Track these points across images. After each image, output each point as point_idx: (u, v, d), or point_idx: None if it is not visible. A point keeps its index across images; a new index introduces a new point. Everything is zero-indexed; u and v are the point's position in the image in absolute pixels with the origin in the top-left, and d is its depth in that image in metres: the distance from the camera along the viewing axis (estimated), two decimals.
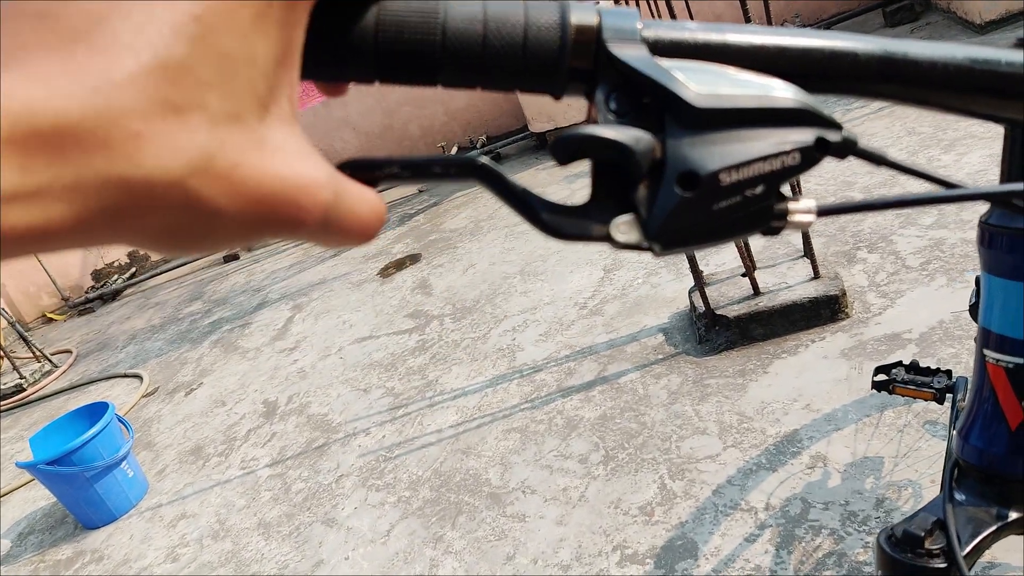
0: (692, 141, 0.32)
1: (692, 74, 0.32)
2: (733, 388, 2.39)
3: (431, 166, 0.33)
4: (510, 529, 2.18)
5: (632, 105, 0.33)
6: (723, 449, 2.16)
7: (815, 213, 0.35)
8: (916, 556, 0.50)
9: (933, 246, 2.69)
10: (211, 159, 0.23)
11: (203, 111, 0.23)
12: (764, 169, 0.33)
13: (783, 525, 1.85)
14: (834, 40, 0.36)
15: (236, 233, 0.25)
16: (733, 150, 0.32)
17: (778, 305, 2.53)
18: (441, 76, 0.32)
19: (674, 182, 0.32)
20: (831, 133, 0.34)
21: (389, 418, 2.96)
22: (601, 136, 0.31)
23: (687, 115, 0.32)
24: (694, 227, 0.33)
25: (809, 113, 0.33)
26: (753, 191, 0.33)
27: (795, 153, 0.33)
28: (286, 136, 0.26)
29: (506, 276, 3.79)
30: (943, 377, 1.54)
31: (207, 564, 2.54)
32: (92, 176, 0.21)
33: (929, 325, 2.32)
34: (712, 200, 0.32)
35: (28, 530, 3.18)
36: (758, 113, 0.33)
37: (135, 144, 0.22)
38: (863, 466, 1.93)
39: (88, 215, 0.22)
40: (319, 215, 0.26)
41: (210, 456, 3.22)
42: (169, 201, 0.23)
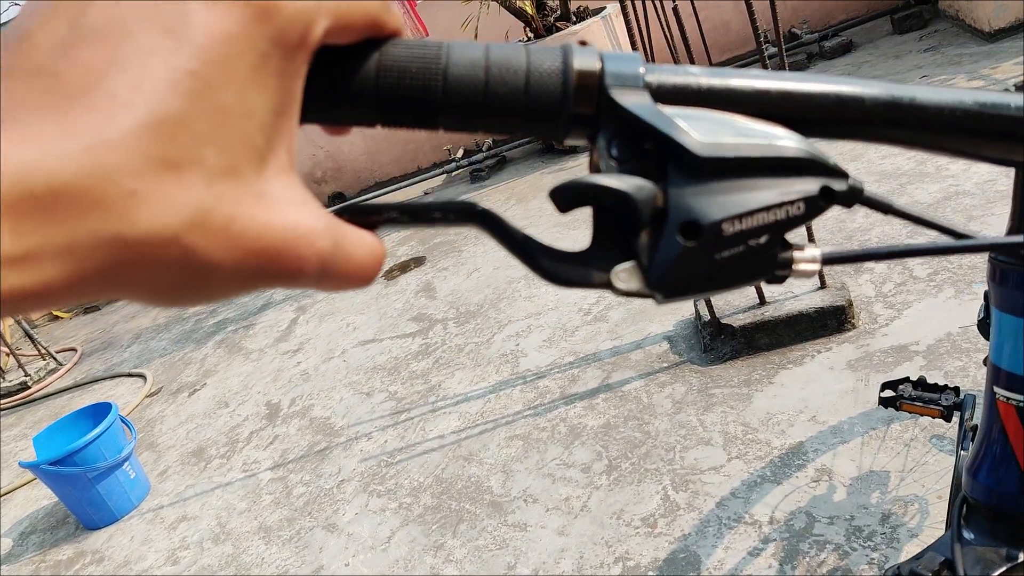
0: (695, 190, 0.31)
1: (695, 122, 0.32)
2: (738, 398, 2.37)
3: (430, 212, 0.32)
4: (511, 538, 2.17)
5: (634, 152, 0.32)
6: (727, 460, 2.15)
7: (820, 262, 0.34)
8: None
9: (941, 257, 2.66)
10: (208, 214, 0.23)
11: (199, 166, 0.23)
12: (768, 219, 0.32)
13: (787, 539, 1.83)
14: (839, 85, 0.35)
15: (235, 285, 0.25)
16: (736, 200, 0.32)
17: (784, 315, 2.52)
18: (442, 121, 0.32)
19: (676, 231, 0.31)
20: (837, 182, 0.33)
21: (391, 423, 2.95)
22: (602, 185, 0.31)
23: (690, 164, 0.31)
24: (696, 276, 0.32)
25: (814, 162, 0.33)
26: (757, 241, 0.32)
27: (800, 203, 0.32)
28: (283, 186, 0.25)
29: (510, 281, 3.78)
30: (951, 394, 1.52)
31: (207, 567, 2.54)
32: (87, 236, 0.21)
33: (936, 337, 2.30)
34: (715, 250, 0.32)
35: (30, 529, 3.18)
36: (762, 162, 0.32)
37: (130, 203, 0.21)
38: (869, 480, 1.91)
39: (83, 275, 0.22)
40: (317, 264, 0.26)
41: (212, 458, 3.21)
42: (166, 258, 0.23)
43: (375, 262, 0.29)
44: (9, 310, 0.22)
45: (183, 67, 0.22)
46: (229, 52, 0.23)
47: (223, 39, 0.23)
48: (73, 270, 0.21)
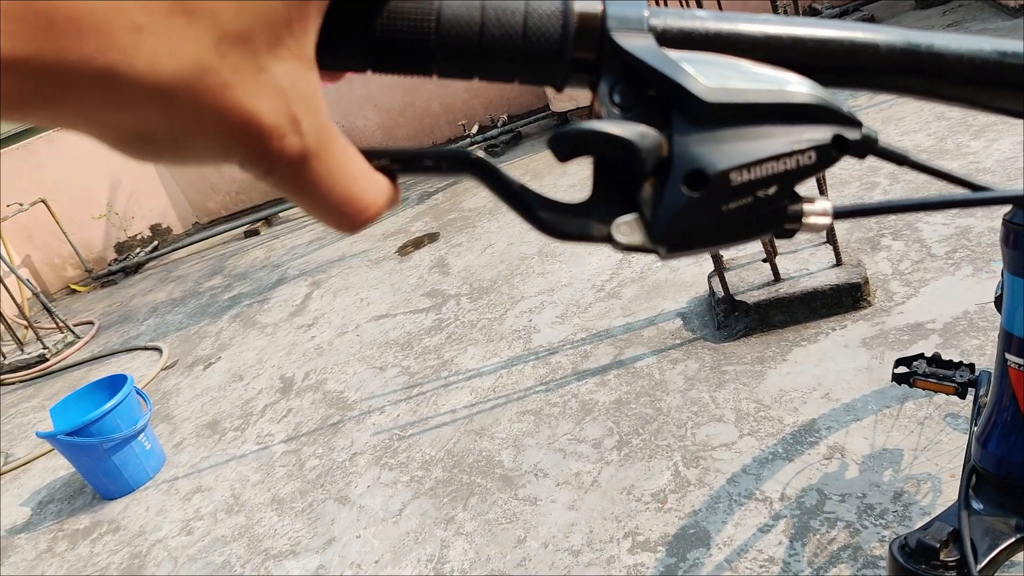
0: (701, 138, 0.30)
1: (702, 66, 0.30)
2: (751, 375, 2.36)
3: (422, 159, 0.31)
4: (521, 512, 2.17)
5: (637, 98, 0.30)
6: (739, 437, 2.14)
7: (831, 216, 0.33)
8: (930, 568, 0.48)
9: (959, 235, 2.63)
10: (204, 73, 0.22)
11: (212, 20, 0.22)
12: (777, 169, 0.30)
13: (798, 516, 1.83)
14: (854, 31, 0.33)
15: (211, 153, 0.24)
16: (744, 148, 0.30)
17: (799, 292, 2.49)
18: (436, 66, 0.30)
19: (681, 181, 0.30)
20: (850, 131, 0.32)
21: (404, 397, 2.96)
22: (604, 132, 0.29)
23: (696, 110, 0.30)
24: (702, 229, 0.31)
25: (826, 109, 0.31)
26: (765, 192, 0.31)
27: (811, 152, 0.31)
28: (288, 72, 0.24)
29: (524, 257, 3.77)
30: (966, 371, 1.50)
31: (221, 538, 2.56)
32: (79, 60, 0.20)
33: (953, 315, 2.27)
34: (721, 201, 0.30)
35: (48, 499, 3.23)
36: (772, 109, 0.31)
37: (133, 37, 0.21)
38: (881, 458, 1.90)
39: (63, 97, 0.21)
40: (287, 160, 0.25)
41: (226, 430, 3.24)
42: (150, 104, 0.22)
43: (354, 204, 0.27)
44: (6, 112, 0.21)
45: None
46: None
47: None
48: (55, 89, 0.21)
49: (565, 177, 4.63)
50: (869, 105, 3.81)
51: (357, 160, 0.28)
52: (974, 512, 0.52)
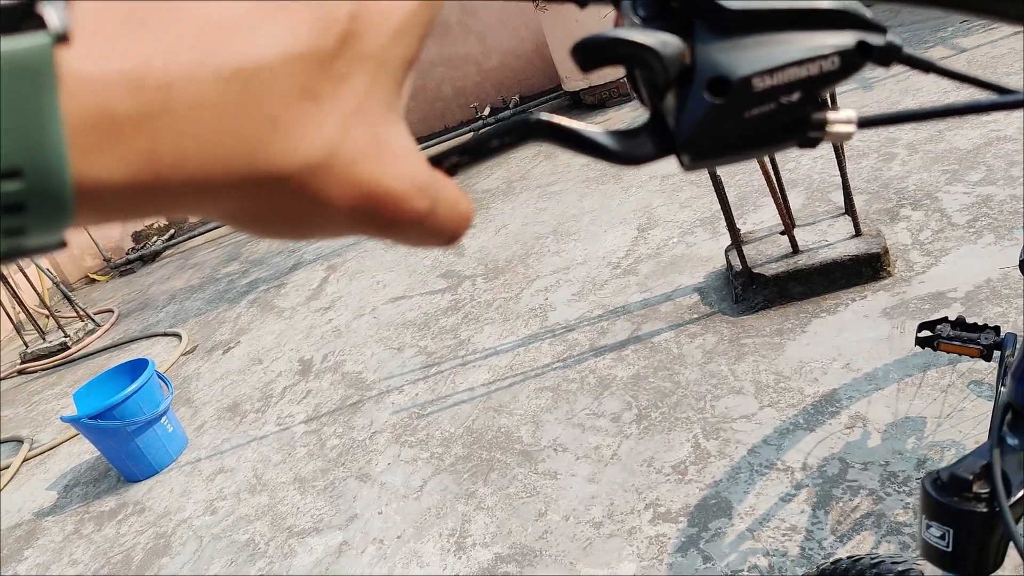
0: (723, 45, 0.30)
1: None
2: (770, 347, 2.34)
3: (488, 141, 0.31)
4: (542, 486, 2.18)
5: (660, 9, 0.31)
6: (759, 409, 2.13)
7: (856, 123, 0.32)
8: (962, 500, 0.47)
9: (981, 203, 2.60)
10: (334, 153, 0.23)
11: (336, 102, 0.23)
12: (800, 74, 0.30)
13: (820, 485, 1.82)
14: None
15: (336, 227, 0.25)
16: (767, 54, 0.30)
17: (818, 263, 2.47)
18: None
19: (704, 88, 0.30)
20: (874, 36, 0.31)
21: (422, 376, 2.96)
22: (626, 39, 0.29)
23: (718, 17, 0.30)
24: (725, 136, 0.30)
25: (850, 15, 0.31)
26: (789, 98, 0.30)
27: (834, 57, 0.30)
28: (398, 135, 0.25)
29: (539, 236, 3.76)
30: (991, 333, 1.48)
31: (244, 517, 2.59)
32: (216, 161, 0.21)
33: (975, 284, 2.25)
34: (744, 107, 0.30)
35: (73, 482, 3.27)
36: (794, 14, 0.30)
37: (268, 129, 0.21)
38: (904, 426, 1.88)
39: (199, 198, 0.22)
40: (416, 219, 0.26)
41: (247, 412, 3.26)
42: (286, 188, 0.23)
43: (464, 222, 0.28)
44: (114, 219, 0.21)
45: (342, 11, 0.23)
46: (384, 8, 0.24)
47: None
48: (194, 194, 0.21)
49: (578, 157, 4.58)
50: (886, 76, 3.77)
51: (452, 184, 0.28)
52: (1008, 447, 0.51)
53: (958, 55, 3.73)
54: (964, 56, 3.69)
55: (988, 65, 3.49)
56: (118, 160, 0.19)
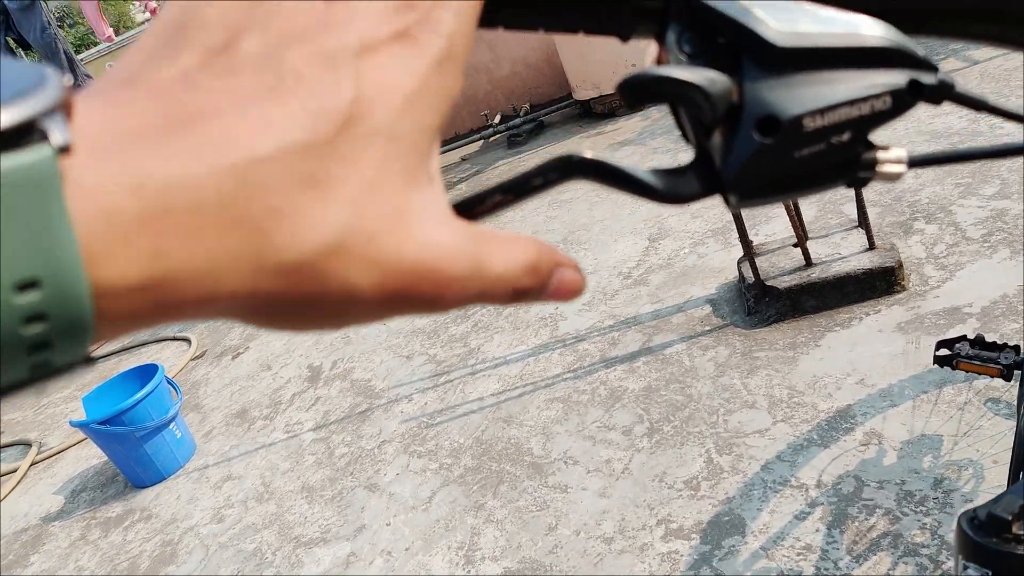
0: (772, 83, 0.29)
1: (772, 11, 0.29)
2: (783, 361, 2.33)
3: (531, 180, 0.30)
4: (552, 500, 2.16)
5: (706, 46, 0.30)
6: (773, 424, 2.11)
7: (906, 163, 0.32)
8: (1002, 541, 0.46)
9: (995, 217, 2.58)
10: (348, 235, 0.22)
11: (343, 184, 0.22)
12: (852, 114, 0.29)
13: (835, 503, 1.80)
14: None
15: (370, 310, 0.24)
16: (817, 93, 0.29)
17: (831, 276, 2.46)
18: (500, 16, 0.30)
19: (752, 127, 0.29)
20: (926, 75, 0.30)
21: (431, 385, 2.95)
22: (673, 77, 0.28)
23: (767, 55, 0.29)
24: (774, 176, 0.30)
25: (901, 53, 0.30)
26: (839, 138, 0.30)
27: (886, 97, 0.30)
28: (424, 202, 0.24)
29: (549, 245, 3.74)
30: (1011, 353, 1.47)
31: (252, 525, 2.58)
32: (224, 255, 0.20)
33: (991, 299, 2.23)
34: (794, 147, 0.29)
35: (81, 487, 3.26)
36: (845, 53, 0.30)
37: (272, 221, 0.21)
38: (920, 444, 1.86)
39: (214, 295, 0.21)
40: (458, 288, 0.24)
41: (256, 419, 3.25)
42: (303, 279, 0.22)
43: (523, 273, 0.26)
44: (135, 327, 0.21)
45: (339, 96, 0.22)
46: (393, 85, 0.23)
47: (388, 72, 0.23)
48: (207, 290, 0.21)
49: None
50: None
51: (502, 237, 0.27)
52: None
53: (971, 67, 3.71)
54: (977, 68, 3.67)
55: (1001, 78, 3.47)
56: (128, 261, 0.19)
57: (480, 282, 0.25)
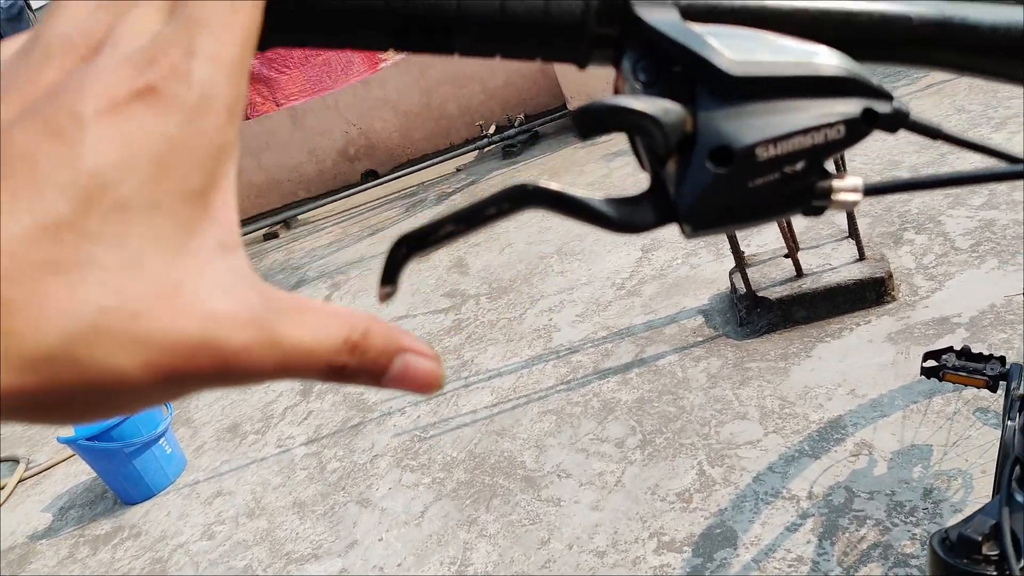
0: (726, 113, 0.29)
1: (727, 40, 0.29)
2: (775, 372, 2.33)
3: (484, 210, 0.30)
4: (545, 513, 2.15)
5: (662, 75, 0.30)
6: (764, 435, 2.11)
7: (861, 192, 0.32)
8: (971, 563, 0.46)
9: (984, 227, 2.59)
10: (104, 317, 0.20)
11: (92, 266, 0.20)
12: (805, 143, 0.29)
13: (826, 515, 1.80)
14: (884, 4, 0.32)
15: (149, 392, 0.21)
16: (771, 122, 0.29)
17: (822, 287, 2.46)
18: (457, 43, 0.30)
19: (706, 157, 0.29)
20: (881, 104, 0.31)
21: (424, 398, 2.95)
22: (625, 107, 0.28)
23: (721, 84, 0.29)
24: (728, 206, 0.30)
25: (856, 82, 0.30)
26: (793, 167, 0.30)
27: (840, 126, 0.30)
28: (203, 273, 0.22)
29: (543, 256, 3.75)
30: (996, 364, 1.47)
31: (242, 542, 2.56)
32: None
33: (979, 309, 2.24)
34: (748, 176, 0.29)
35: (69, 504, 3.24)
36: (799, 82, 0.30)
37: (9, 316, 0.19)
38: (910, 455, 1.86)
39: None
40: (246, 361, 0.22)
41: (247, 434, 3.24)
42: (54, 369, 0.19)
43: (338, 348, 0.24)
44: None
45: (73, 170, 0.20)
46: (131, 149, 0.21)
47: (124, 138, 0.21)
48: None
49: (583, 176, 4.61)
50: None
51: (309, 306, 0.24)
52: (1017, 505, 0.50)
53: (956, 79, 3.73)
54: (964, 81, 3.69)
55: (989, 89, 3.49)
56: None
57: (276, 354, 0.23)
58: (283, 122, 6.33)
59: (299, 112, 6.16)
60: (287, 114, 6.06)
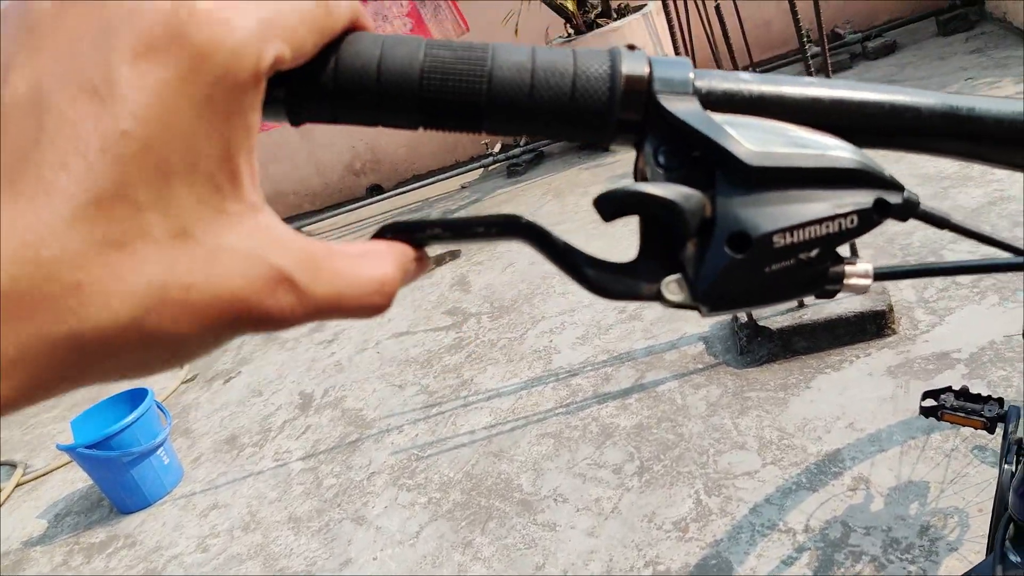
0: (744, 201, 0.30)
1: (745, 130, 0.31)
2: (774, 402, 2.33)
3: (473, 227, 0.31)
4: (540, 538, 2.15)
5: (682, 160, 0.31)
6: (762, 466, 2.11)
7: (872, 277, 0.33)
8: None
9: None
10: (162, 289, 0.21)
11: (146, 239, 0.21)
12: (820, 232, 0.31)
13: (822, 549, 1.80)
14: (895, 94, 0.34)
15: (209, 344, 0.23)
16: (787, 212, 0.31)
17: (823, 319, 2.47)
18: (486, 124, 0.31)
19: (724, 243, 0.30)
20: (891, 195, 0.32)
21: (423, 416, 2.95)
22: (648, 193, 0.30)
23: (740, 173, 0.30)
24: (744, 289, 0.31)
25: (868, 174, 0.32)
26: (808, 254, 0.31)
27: (853, 216, 0.31)
28: (242, 235, 0.23)
29: (545, 276, 3.76)
30: (994, 405, 1.47)
31: (236, 556, 2.56)
32: (36, 342, 0.19)
33: (979, 345, 2.24)
34: (764, 263, 0.31)
35: (65, 511, 3.24)
36: (814, 173, 0.31)
37: (77, 296, 0.20)
38: (907, 491, 1.87)
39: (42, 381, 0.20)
40: (290, 308, 0.24)
41: (245, 446, 3.24)
42: (127, 343, 0.21)
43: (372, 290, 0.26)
44: None
45: (113, 131, 0.20)
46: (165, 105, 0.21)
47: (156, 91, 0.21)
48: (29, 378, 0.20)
49: (587, 197, 4.62)
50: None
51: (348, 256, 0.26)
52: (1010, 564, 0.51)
53: None
54: None
55: None
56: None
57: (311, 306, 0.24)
58: (291, 134, 6.36)
59: (307, 126, 6.18)
60: None
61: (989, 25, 4.77)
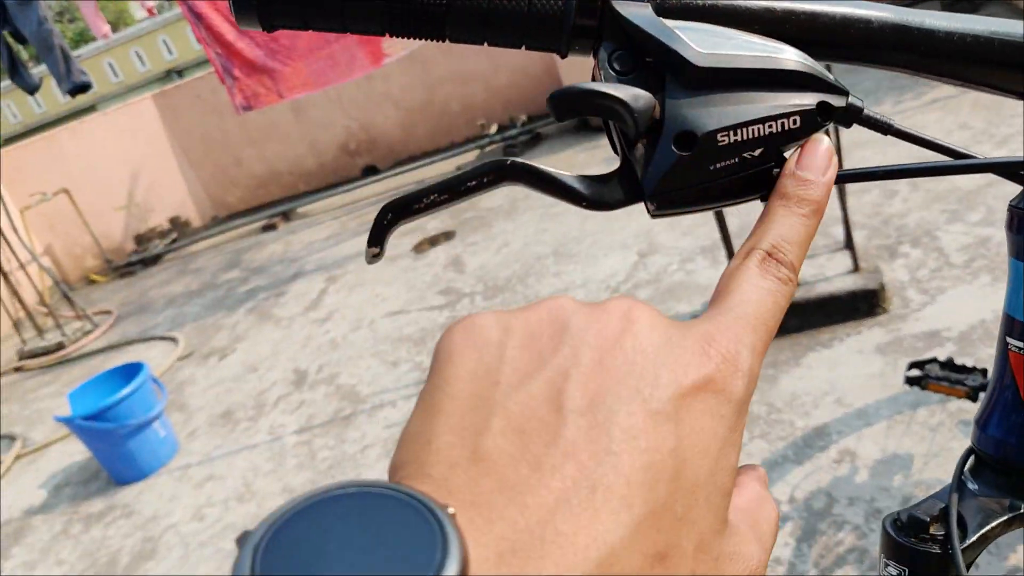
0: (691, 101, 0.32)
1: (696, 34, 0.32)
2: (764, 379, 2.35)
3: (465, 181, 0.32)
4: None
5: (635, 65, 0.32)
6: (749, 439, 2.14)
7: None
8: (918, 541, 0.49)
9: (979, 243, 2.62)
10: None
11: (678, 549, 0.21)
12: (763, 131, 0.32)
13: (806, 519, 1.82)
14: (847, 6, 0.35)
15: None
16: (732, 111, 0.32)
17: (815, 297, 2.49)
18: (448, 30, 0.32)
19: (671, 141, 0.32)
20: (835, 98, 0.33)
21: (416, 392, 2.96)
22: (600, 91, 0.31)
23: (687, 74, 0.32)
24: (690, 187, 0.32)
25: (813, 77, 0.33)
26: (752, 153, 0.32)
27: (795, 116, 0.32)
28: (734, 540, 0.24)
29: (539, 257, 3.78)
30: (978, 376, 1.50)
31: (231, 525, 2.59)
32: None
33: (970, 324, 2.26)
34: (709, 161, 0.32)
35: (64, 482, 3.27)
36: (760, 75, 0.32)
37: None
38: (892, 463, 1.89)
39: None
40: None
41: (240, 420, 3.27)
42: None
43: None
44: None
45: (667, 448, 0.21)
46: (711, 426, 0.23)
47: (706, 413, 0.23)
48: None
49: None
50: (892, 112, 3.80)
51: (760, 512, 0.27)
52: (967, 492, 0.53)
53: (961, 95, 3.76)
54: (968, 97, 3.72)
55: (992, 106, 3.52)
56: None
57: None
58: (285, 114, 6.35)
59: (302, 104, 6.18)
60: (290, 106, 6.08)
61: (994, 7, 4.77)
